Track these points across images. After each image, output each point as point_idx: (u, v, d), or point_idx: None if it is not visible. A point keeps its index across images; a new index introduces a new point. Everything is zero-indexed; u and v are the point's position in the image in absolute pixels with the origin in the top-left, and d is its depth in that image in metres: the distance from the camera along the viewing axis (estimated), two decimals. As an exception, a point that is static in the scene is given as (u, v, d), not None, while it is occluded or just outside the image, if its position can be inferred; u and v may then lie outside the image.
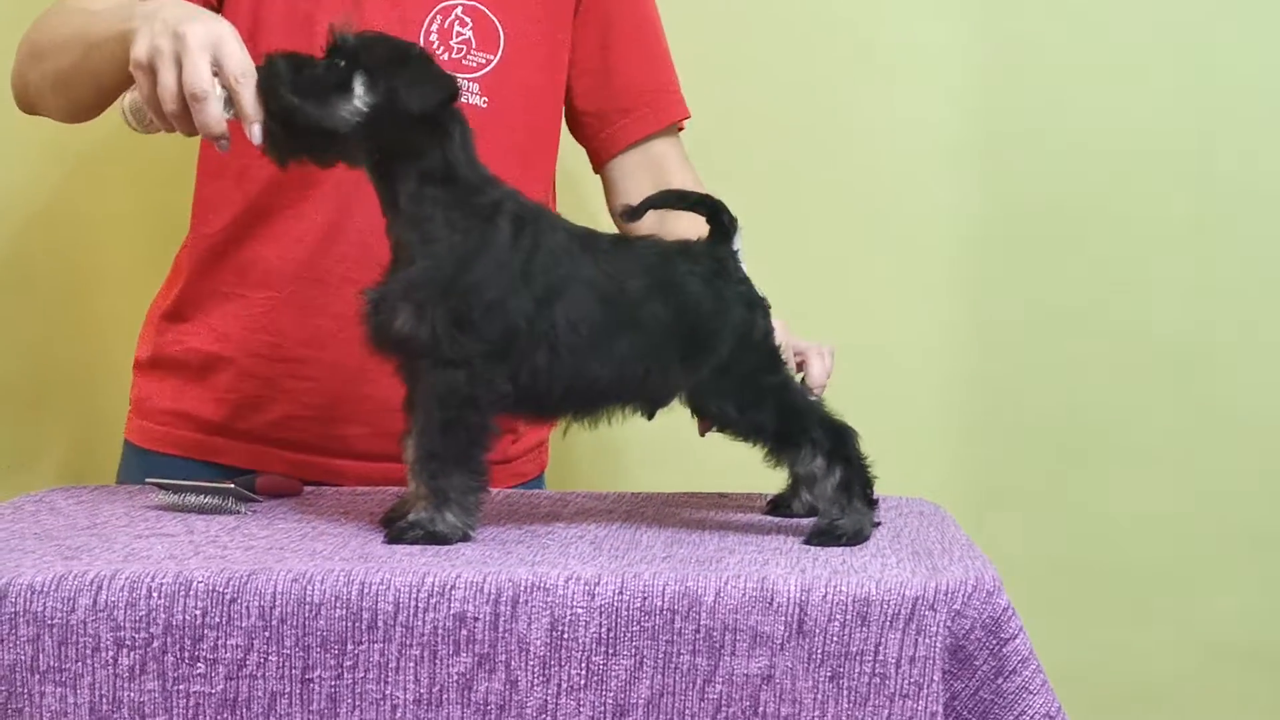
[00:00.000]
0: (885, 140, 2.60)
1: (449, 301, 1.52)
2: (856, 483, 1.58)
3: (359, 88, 1.53)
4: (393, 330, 1.54)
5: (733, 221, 1.65)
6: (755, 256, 1.65)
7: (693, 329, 1.59)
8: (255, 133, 1.54)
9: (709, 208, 1.65)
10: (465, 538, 1.53)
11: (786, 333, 1.75)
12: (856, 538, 1.55)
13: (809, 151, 2.60)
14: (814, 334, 2.54)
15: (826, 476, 1.58)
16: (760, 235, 2.53)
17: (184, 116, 1.57)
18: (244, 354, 1.96)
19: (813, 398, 1.63)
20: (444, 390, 1.53)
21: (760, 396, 1.60)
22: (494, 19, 1.95)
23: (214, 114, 1.55)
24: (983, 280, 2.60)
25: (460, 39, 1.93)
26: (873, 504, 1.59)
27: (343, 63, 1.53)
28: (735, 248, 1.64)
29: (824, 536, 1.56)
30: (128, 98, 1.66)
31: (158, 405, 2.01)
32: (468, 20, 1.94)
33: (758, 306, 1.64)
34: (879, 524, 1.60)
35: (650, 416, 1.65)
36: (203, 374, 1.98)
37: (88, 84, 1.80)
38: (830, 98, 2.60)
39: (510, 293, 1.54)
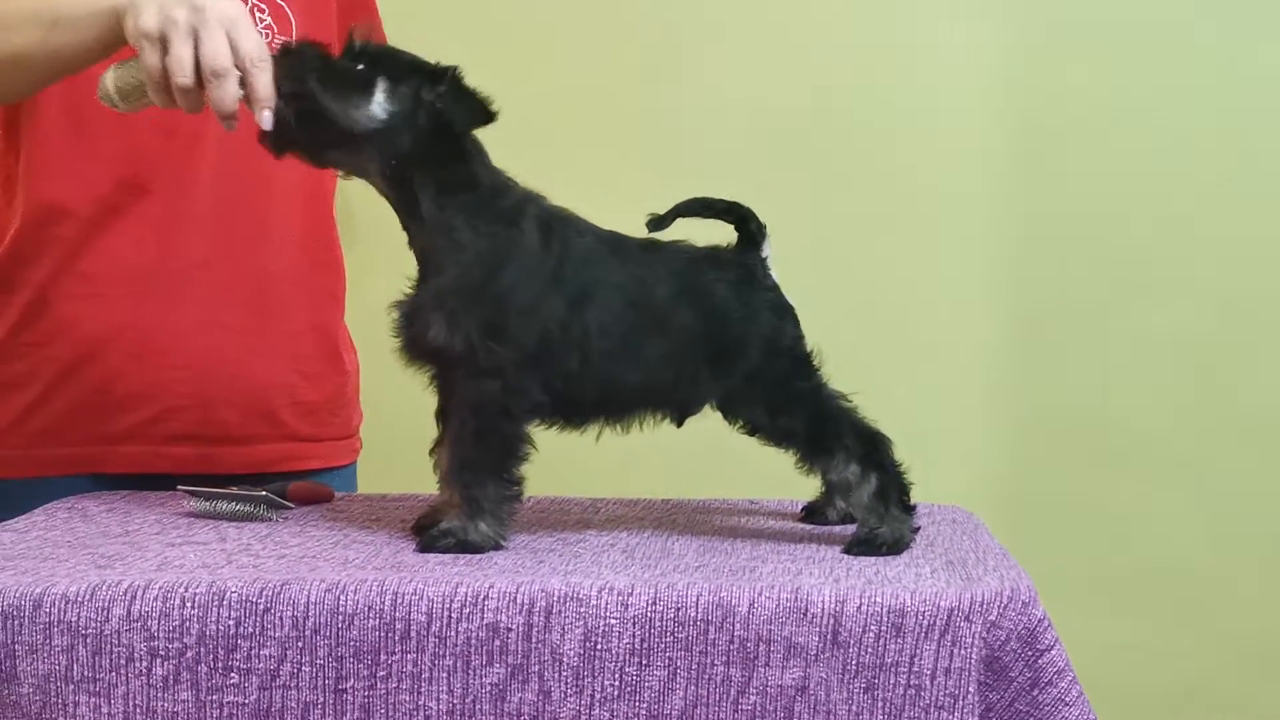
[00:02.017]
0: (915, 147, 2.59)
1: (482, 309, 1.52)
2: (893, 490, 1.57)
3: (380, 94, 1.52)
4: (426, 341, 1.53)
5: (761, 229, 1.64)
6: (790, 259, 1.64)
7: (720, 335, 1.58)
8: (266, 118, 1.53)
9: (737, 215, 1.64)
10: (498, 547, 1.53)
11: None
12: (897, 546, 1.55)
13: (843, 152, 2.60)
14: (847, 337, 2.54)
15: (861, 484, 1.57)
16: (794, 237, 2.53)
17: (193, 93, 1.56)
18: (113, 354, 1.92)
19: (846, 404, 1.62)
20: (478, 400, 1.52)
21: (791, 402, 1.59)
22: (283, 6, 1.96)
23: (232, 93, 1.54)
24: (1016, 285, 2.60)
25: (263, 25, 1.94)
26: (910, 510, 1.58)
27: (362, 66, 1.53)
28: (764, 255, 1.64)
29: (864, 546, 1.55)
30: (113, 74, 1.60)
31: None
32: (264, 7, 1.95)
33: (787, 313, 1.63)
34: (919, 528, 1.59)
35: (679, 423, 1.65)
36: (59, 383, 1.93)
37: (41, 65, 1.72)
38: (866, 97, 2.60)
39: (543, 297, 1.53)
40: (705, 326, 1.58)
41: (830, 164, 2.62)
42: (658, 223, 1.62)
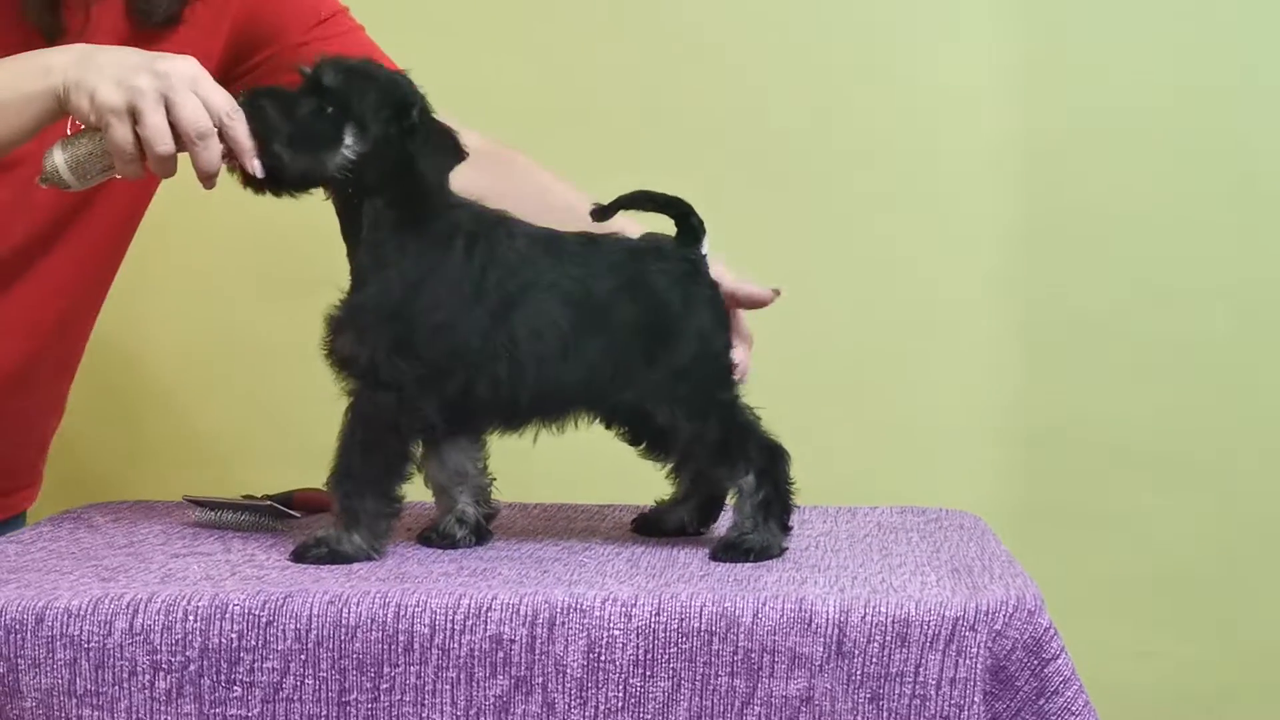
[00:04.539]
0: (925, 149, 2.58)
1: (392, 326, 1.52)
2: (777, 504, 1.57)
3: (349, 138, 1.52)
4: (335, 351, 1.55)
5: (701, 225, 1.62)
6: (798, 265, 1.63)
7: (659, 327, 1.57)
8: (257, 166, 1.52)
9: (679, 210, 1.63)
10: (369, 558, 1.53)
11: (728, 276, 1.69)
12: (763, 554, 1.55)
13: (850, 157, 2.59)
14: (857, 342, 2.54)
15: (753, 494, 1.57)
16: (802, 243, 2.54)
17: (171, 159, 1.52)
18: None
19: (754, 417, 1.62)
20: (371, 412, 1.53)
21: (709, 409, 1.59)
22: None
23: (217, 151, 1.51)
24: (1026, 289, 2.59)
25: None
26: (787, 528, 1.58)
27: (330, 109, 1.52)
28: (703, 251, 1.62)
29: (731, 550, 1.55)
30: (62, 155, 1.53)
31: None
32: None
33: (723, 317, 1.62)
34: (786, 549, 1.58)
35: (609, 424, 1.65)
36: None
37: None
38: (872, 103, 2.59)
39: (461, 313, 1.53)
40: (645, 319, 1.57)
41: (838, 167, 2.60)
42: (602, 212, 1.61)
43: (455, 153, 1.56)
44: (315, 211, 1.60)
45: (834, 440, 2.43)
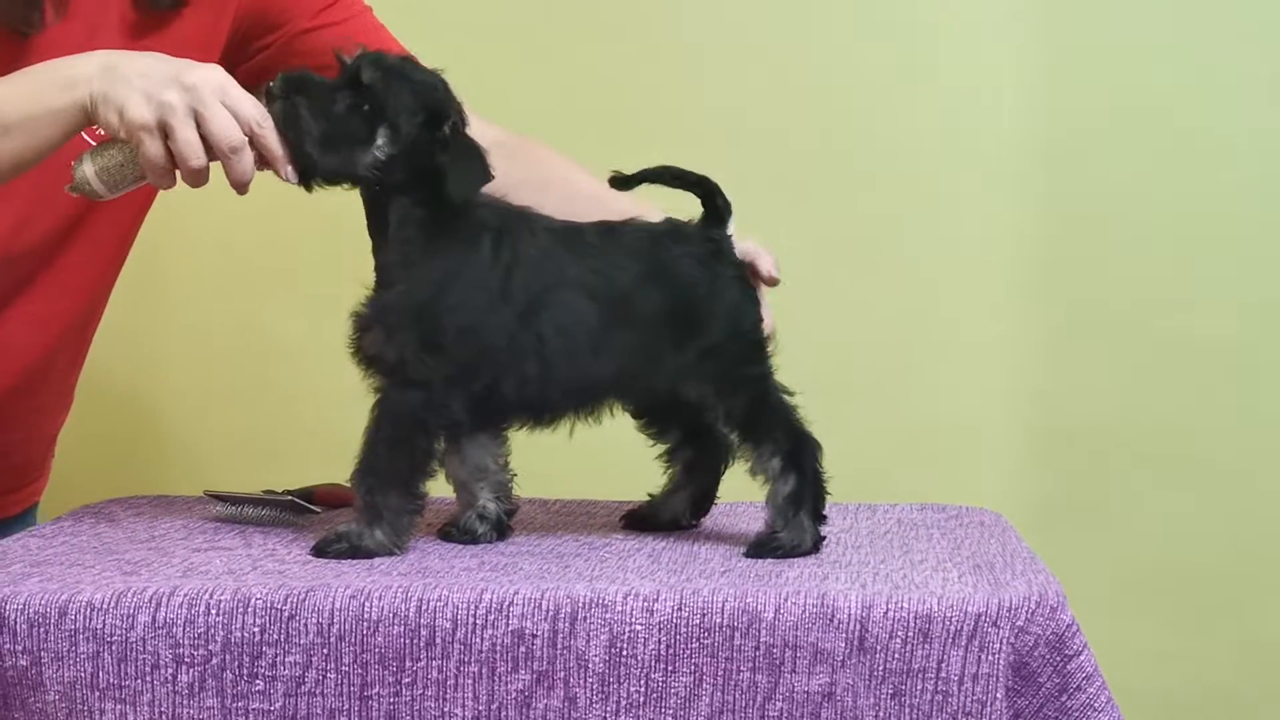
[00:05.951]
0: (945, 147, 2.58)
1: (421, 326, 1.52)
2: (808, 495, 1.56)
3: (381, 139, 1.52)
4: (362, 350, 1.55)
5: (727, 205, 1.62)
6: (822, 262, 1.62)
7: (687, 311, 1.57)
8: (291, 173, 1.52)
9: (706, 190, 1.62)
10: (391, 554, 1.53)
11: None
12: (793, 552, 1.54)
13: (867, 158, 2.59)
14: (878, 340, 2.53)
15: (780, 482, 1.57)
16: (819, 242, 2.54)
17: (202, 171, 1.51)
18: None
19: (788, 399, 1.61)
20: (398, 409, 1.53)
21: (738, 384, 1.59)
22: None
23: (250, 163, 1.51)
24: (1046, 287, 2.58)
25: None
26: (820, 519, 1.57)
27: (366, 107, 1.52)
28: (728, 232, 1.62)
29: (761, 549, 1.55)
30: (92, 166, 1.53)
31: None
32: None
33: (750, 293, 1.62)
34: (824, 538, 1.58)
35: (642, 414, 1.66)
36: None
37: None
38: (889, 104, 2.58)
39: (487, 314, 1.53)
40: (671, 304, 1.57)
41: (861, 165, 2.60)
42: (623, 182, 1.61)
43: (483, 175, 1.55)
44: (334, 207, 1.61)
45: (854, 438, 2.40)
